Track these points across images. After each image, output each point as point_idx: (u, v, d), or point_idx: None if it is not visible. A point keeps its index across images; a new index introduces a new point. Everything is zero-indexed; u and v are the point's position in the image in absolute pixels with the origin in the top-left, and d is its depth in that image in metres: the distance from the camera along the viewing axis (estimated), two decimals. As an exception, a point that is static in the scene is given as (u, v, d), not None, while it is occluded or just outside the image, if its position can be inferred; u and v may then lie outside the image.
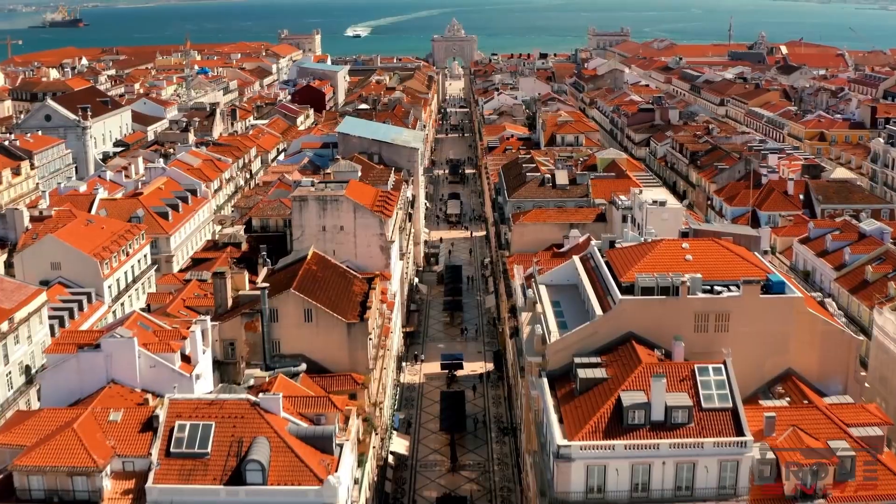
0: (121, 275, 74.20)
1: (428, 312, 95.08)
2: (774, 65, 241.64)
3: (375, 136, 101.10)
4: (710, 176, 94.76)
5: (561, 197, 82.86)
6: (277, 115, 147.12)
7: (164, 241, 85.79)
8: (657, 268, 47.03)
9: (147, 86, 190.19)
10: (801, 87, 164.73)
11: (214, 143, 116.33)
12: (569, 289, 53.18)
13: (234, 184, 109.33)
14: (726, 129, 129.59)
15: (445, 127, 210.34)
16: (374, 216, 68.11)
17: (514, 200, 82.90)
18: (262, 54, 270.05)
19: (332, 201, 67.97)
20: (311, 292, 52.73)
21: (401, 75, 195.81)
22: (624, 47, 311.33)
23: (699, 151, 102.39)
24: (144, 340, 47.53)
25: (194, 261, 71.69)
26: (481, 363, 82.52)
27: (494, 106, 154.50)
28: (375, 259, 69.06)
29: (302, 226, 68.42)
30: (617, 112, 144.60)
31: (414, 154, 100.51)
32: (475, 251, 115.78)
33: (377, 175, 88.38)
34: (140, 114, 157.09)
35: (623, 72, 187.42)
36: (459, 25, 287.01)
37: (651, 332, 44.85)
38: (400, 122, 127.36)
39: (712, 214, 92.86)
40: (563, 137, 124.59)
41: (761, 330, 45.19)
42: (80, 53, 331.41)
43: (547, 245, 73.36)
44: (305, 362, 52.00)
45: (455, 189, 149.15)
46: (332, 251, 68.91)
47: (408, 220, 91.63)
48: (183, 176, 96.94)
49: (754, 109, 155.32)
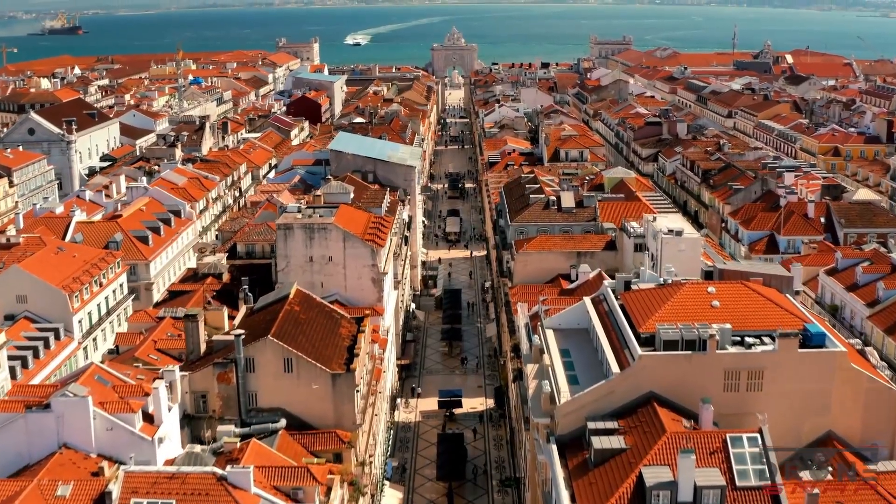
0: (93, 307, 68.76)
1: (425, 341, 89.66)
2: (781, 74, 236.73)
3: (370, 153, 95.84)
4: (725, 197, 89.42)
5: (567, 221, 77.49)
6: (270, 129, 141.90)
7: (142, 268, 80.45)
8: (680, 316, 41.63)
9: (138, 96, 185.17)
10: (811, 98, 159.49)
11: (202, 159, 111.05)
12: (579, 334, 47.75)
13: (222, 203, 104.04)
14: (737, 143, 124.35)
15: (445, 139, 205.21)
16: (366, 246, 62.78)
17: (517, 225, 77.55)
18: (259, 63, 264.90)
19: (319, 230, 62.64)
20: (291, 338, 47.31)
21: (399, 86, 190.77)
22: (626, 56, 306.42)
23: (712, 170, 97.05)
24: (102, 398, 42.14)
25: (171, 293, 66.35)
26: (482, 399, 77.08)
27: (495, 119, 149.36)
28: (367, 292, 63.72)
29: (287, 256, 63.09)
30: (622, 125, 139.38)
31: (410, 172, 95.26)
32: (475, 273, 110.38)
33: (371, 197, 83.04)
34: (129, 126, 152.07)
35: (627, 82, 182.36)
36: (459, 34, 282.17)
37: (675, 393, 39.41)
38: (397, 136, 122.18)
39: (727, 238, 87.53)
40: (567, 153, 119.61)
41: (799, 389, 39.78)
42: (75, 62, 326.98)
43: (552, 275, 68.03)
44: (285, 417, 46.59)
45: (454, 205, 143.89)
46: (319, 283, 63.73)
47: (403, 244, 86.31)
48: (166, 196, 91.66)
49: (764, 122, 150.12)
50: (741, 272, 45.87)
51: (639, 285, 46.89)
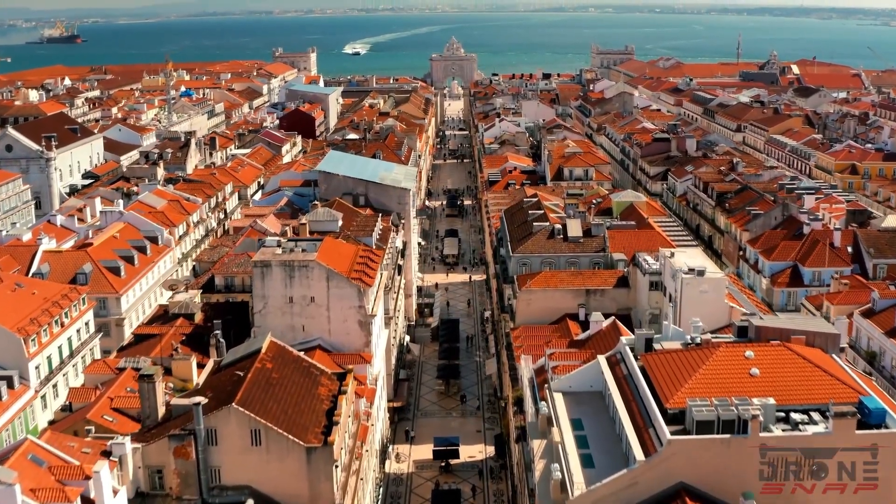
0: (53, 350, 62.45)
1: (420, 378, 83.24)
2: (789, 86, 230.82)
3: (362, 174, 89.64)
4: (743, 222, 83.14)
5: (574, 251, 71.21)
6: (260, 144, 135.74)
7: (113, 302, 74.17)
8: (714, 388, 35.36)
9: (126, 109, 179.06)
10: (824, 112, 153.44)
11: (185, 178, 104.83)
12: (592, 399, 41.52)
13: (205, 226, 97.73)
14: (750, 161, 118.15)
15: (443, 152, 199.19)
16: (352, 285, 56.48)
17: (520, 256, 71.27)
18: (254, 74, 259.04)
19: (300, 268, 56.35)
20: (261, 404, 40.97)
21: (396, 98, 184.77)
22: (629, 66, 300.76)
23: (727, 192, 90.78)
24: (34, 483, 35.83)
25: (136, 337, 60.00)
26: (481, 446, 70.63)
27: (495, 134, 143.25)
28: (353, 336, 57.40)
29: (265, 297, 56.79)
30: (628, 141, 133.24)
31: (405, 195, 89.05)
32: (474, 300, 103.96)
33: (361, 224, 76.80)
34: (114, 141, 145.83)
35: (632, 95, 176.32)
36: (459, 44, 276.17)
37: (710, 484, 33.08)
38: (392, 153, 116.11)
39: (745, 267, 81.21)
40: (572, 171, 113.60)
41: (858, 478, 33.47)
42: (68, 72, 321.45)
43: (559, 315, 61.74)
44: (253, 497, 40.25)
45: (453, 224, 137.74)
46: (300, 326, 57.45)
47: (396, 273, 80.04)
48: (142, 221, 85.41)
49: (776, 137, 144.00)
50: (781, 329, 39.55)
51: (662, 344, 40.60)
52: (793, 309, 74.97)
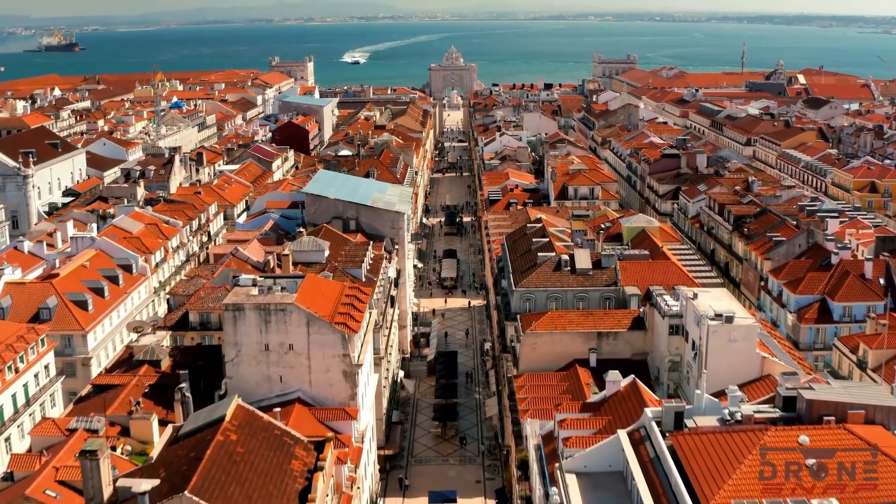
0: (5, 399, 56.24)
1: (414, 419, 76.80)
2: (797, 97, 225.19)
3: (352, 197, 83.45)
4: (764, 250, 76.86)
5: (582, 285, 64.95)
6: (250, 160, 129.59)
7: (78, 340, 67.92)
8: (764, 487, 29.05)
9: (113, 122, 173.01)
10: (839, 126, 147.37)
11: (166, 199, 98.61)
12: (611, 482, 35.28)
13: (186, 251, 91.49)
14: (765, 178, 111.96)
15: (442, 165, 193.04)
16: (335, 331, 50.19)
17: (523, 290, 65.01)
18: (248, 84, 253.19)
19: (277, 311, 50.07)
20: (220, 488, 34.65)
21: (392, 110, 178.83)
22: (631, 75, 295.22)
23: (745, 216, 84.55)
24: None
25: (95, 388, 53.64)
26: (480, 499, 64.22)
27: (496, 148, 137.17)
28: (337, 388, 51.08)
29: (237, 344, 50.47)
30: (635, 157, 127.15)
31: (399, 219, 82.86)
32: (473, 328, 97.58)
33: (350, 253, 70.64)
34: (98, 156, 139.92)
35: (637, 107, 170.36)
36: (458, 53, 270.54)
37: None
38: (386, 171, 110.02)
39: (767, 300, 74.96)
40: (576, 189, 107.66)
41: None
42: (60, 81, 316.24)
43: (567, 360, 55.59)
44: None
45: (451, 243, 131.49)
46: (277, 377, 51.13)
47: (389, 306, 73.76)
48: (116, 248, 79.18)
49: (789, 152, 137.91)
50: (835, 403, 33.36)
51: (694, 419, 34.31)
52: (821, 347, 68.89)
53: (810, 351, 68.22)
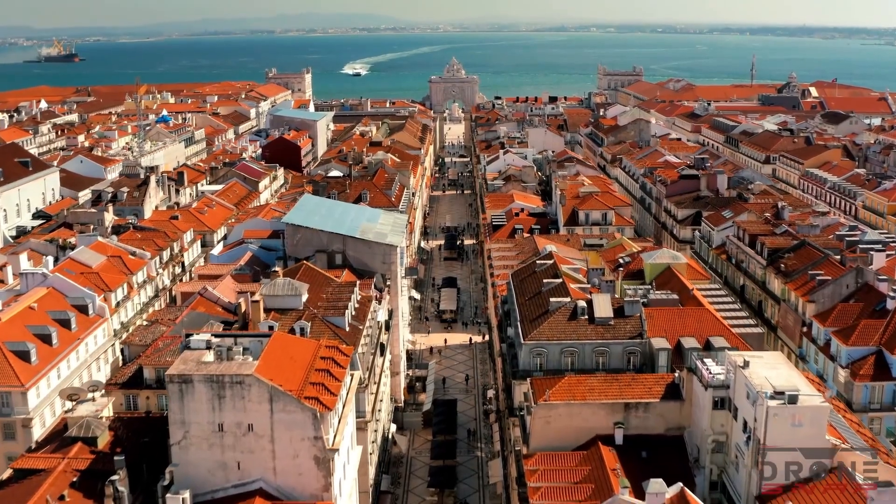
0: (-88, 480, 46.70)
1: (407, 483, 67.17)
2: (812, 110, 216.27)
3: (339, 227, 74.08)
4: (806, 290, 67.31)
5: (602, 338, 55.46)
6: (235, 179, 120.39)
7: (18, 398, 58.50)
8: None
9: (95, 137, 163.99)
10: (865, 143, 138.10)
11: (135, 226, 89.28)
12: None
13: (155, 286, 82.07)
14: (793, 202, 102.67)
15: (442, 183, 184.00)
16: (305, 409, 40.74)
17: (533, 344, 55.53)
18: (242, 97, 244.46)
19: (232, 385, 40.65)
20: None
21: (390, 125, 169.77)
22: (637, 88, 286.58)
23: (780, 249, 75.04)
24: None
25: (16, 473, 44.09)
26: (483, 588, 54.84)
27: (499, 167, 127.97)
28: (307, 477, 41.59)
29: (185, 423, 41.04)
30: (650, 177, 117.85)
31: (391, 253, 73.49)
32: (475, 371, 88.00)
33: (333, 296, 61.23)
34: (74, 175, 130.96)
35: (649, 122, 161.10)
36: (459, 65, 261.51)
37: None
38: (380, 193, 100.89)
39: (811, 348, 65.40)
40: (588, 214, 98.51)
41: None
42: (52, 93, 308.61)
43: (589, 437, 46.13)
44: None
45: (451, 269, 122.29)
46: (234, 464, 41.63)
47: (379, 354, 64.29)
48: (70, 285, 69.75)
49: (813, 171, 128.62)
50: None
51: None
52: (878, 408, 59.33)
53: (865, 412, 58.61)
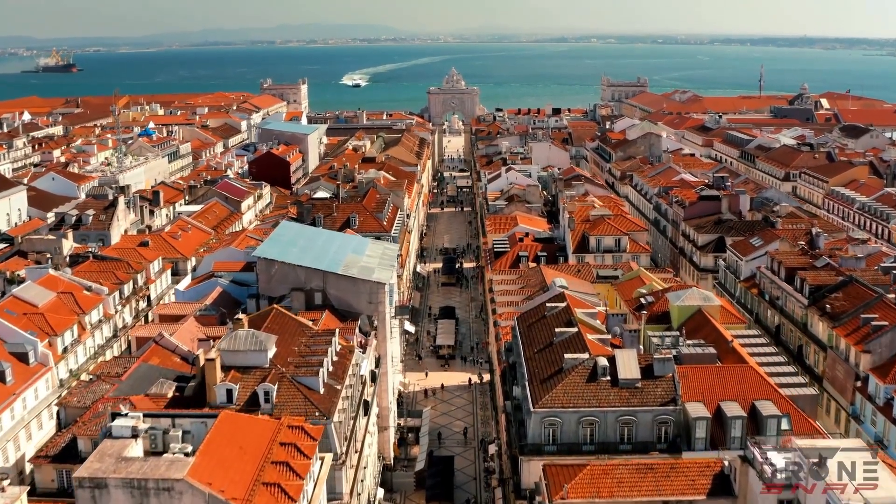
0: None
1: (396, 563, 57.61)
2: (826, 123, 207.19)
3: (319, 262, 64.67)
4: (859, 339, 57.81)
5: (629, 403, 46.06)
6: (215, 199, 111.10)
7: (-70, 471, 49.09)
8: None
9: (73, 152, 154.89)
10: (893, 159, 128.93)
11: (96, 255, 79.87)
12: None
13: (112, 326, 72.55)
14: (826, 226, 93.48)
15: (441, 199, 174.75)
16: (253, 523, 31.35)
17: (545, 412, 46.05)
18: (233, 109, 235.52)
19: (159, 492, 31.28)
20: None
21: (385, 139, 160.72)
22: (642, 99, 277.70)
23: (823, 286, 65.59)
24: None
25: None
26: None
27: (502, 186, 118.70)
28: None
29: (99, 539, 31.66)
30: (665, 198, 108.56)
31: (378, 291, 64.06)
32: (475, 419, 78.43)
33: (306, 349, 51.81)
34: (44, 193, 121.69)
35: (660, 136, 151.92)
36: (459, 76, 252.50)
37: None
38: (370, 217, 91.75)
39: (866, 406, 55.91)
40: (599, 240, 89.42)
41: None
42: (41, 104, 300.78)
43: (616, 542, 36.60)
44: None
45: (450, 296, 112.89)
46: (163, 592, 32.11)
47: (362, 416, 54.83)
48: (9, 330, 60.43)
49: (838, 190, 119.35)
50: None
51: None
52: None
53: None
